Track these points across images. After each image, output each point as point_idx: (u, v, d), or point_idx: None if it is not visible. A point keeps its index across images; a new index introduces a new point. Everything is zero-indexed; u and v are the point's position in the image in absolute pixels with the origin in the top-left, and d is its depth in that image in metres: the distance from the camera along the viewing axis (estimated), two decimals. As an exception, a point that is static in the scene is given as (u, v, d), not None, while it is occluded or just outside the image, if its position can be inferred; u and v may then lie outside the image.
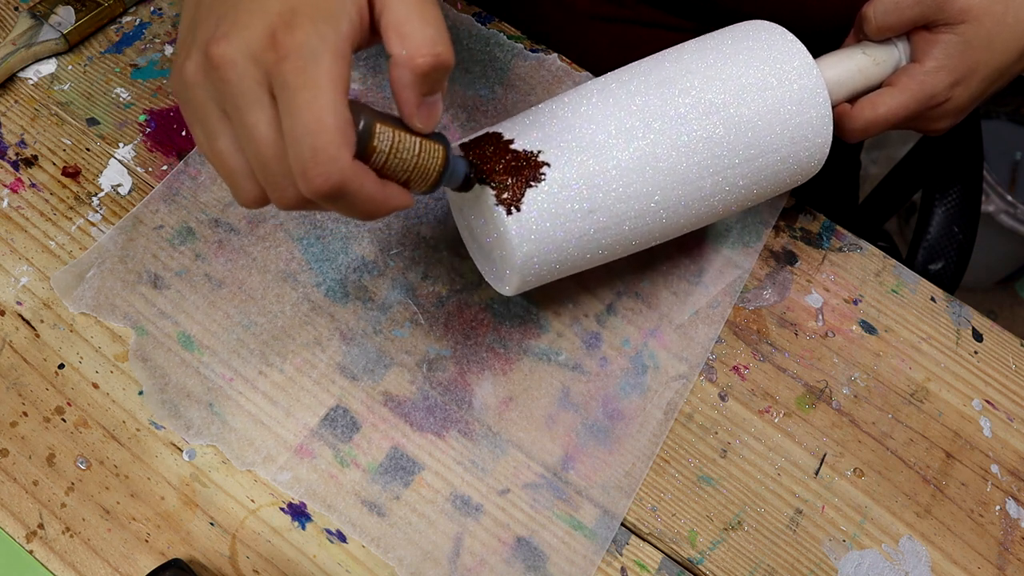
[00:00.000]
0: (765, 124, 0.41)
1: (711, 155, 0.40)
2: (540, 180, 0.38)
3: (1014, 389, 0.50)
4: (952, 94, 0.46)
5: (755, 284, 0.51)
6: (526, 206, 0.38)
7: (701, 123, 0.40)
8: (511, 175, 0.38)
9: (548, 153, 0.39)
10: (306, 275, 0.48)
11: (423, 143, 0.34)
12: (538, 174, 0.39)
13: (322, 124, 0.29)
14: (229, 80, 0.30)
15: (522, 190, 0.38)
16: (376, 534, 0.42)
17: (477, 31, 0.57)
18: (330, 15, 0.30)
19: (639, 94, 0.41)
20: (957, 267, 0.65)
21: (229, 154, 0.32)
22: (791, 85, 0.41)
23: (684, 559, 0.44)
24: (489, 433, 0.45)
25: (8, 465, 0.42)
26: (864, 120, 0.46)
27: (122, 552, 0.41)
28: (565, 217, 0.39)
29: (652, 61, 0.43)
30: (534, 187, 0.38)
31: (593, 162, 0.39)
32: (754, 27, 0.43)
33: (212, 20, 0.31)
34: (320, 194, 0.30)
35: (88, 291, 0.46)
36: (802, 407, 0.48)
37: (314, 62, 0.29)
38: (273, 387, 0.45)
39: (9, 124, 0.50)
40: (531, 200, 0.38)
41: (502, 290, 0.43)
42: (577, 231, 0.39)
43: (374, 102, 0.53)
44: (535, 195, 0.38)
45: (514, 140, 0.39)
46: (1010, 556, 0.46)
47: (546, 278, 0.42)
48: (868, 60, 0.46)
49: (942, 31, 0.45)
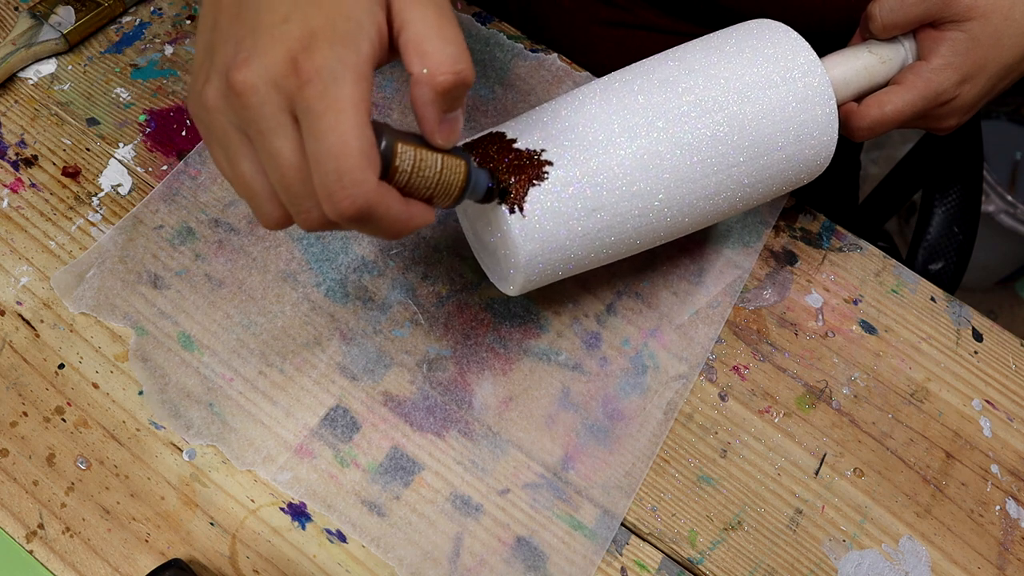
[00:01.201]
0: (770, 122, 0.41)
1: (715, 153, 0.40)
2: (543, 179, 0.38)
3: (1014, 389, 0.50)
4: (960, 92, 0.46)
5: (755, 284, 0.51)
6: (529, 205, 0.38)
7: (705, 121, 0.40)
8: (514, 174, 0.38)
9: (551, 152, 0.39)
10: (306, 275, 0.48)
11: (444, 159, 0.34)
12: (541, 173, 0.38)
13: (347, 147, 0.29)
14: (251, 106, 0.30)
15: (525, 189, 0.38)
16: (376, 534, 0.42)
17: (477, 31, 0.57)
18: (350, 37, 0.30)
19: (642, 92, 0.40)
20: (957, 267, 0.65)
21: (252, 177, 0.32)
22: (796, 83, 0.41)
23: (684, 559, 0.44)
24: (489, 433, 0.45)
25: (8, 465, 0.42)
26: (871, 119, 0.45)
27: (122, 552, 0.41)
28: (569, 216, 0.39)
29: (655, 60, 0.43)
30: (537, 186, 0.38)
31: (596, 161, 0.39)
32: (759, 26, 0.43)
33: (231, 45, 0.31)
34: (346, 217, 0.30)
35: (88, 291, 0.46)
36: (802, 407, 0.48)
37: (335, 85, 0.29)
38: (273, 387, 0.45)
39: (9, 124, 0.50)
40: (534, 199, 0.38)
41: (506, 290, 0.43)
42: (581, 230, 0.39)
43: (374, 102, 0.53)
44: (538, 194, 0.38)
45: (517, 139, 0.39)
46: (1010, 556, 0.46)
47: (550, 278, 0.42)
48: (874, 59, 0.46)
49: (948, 28, 0.45)
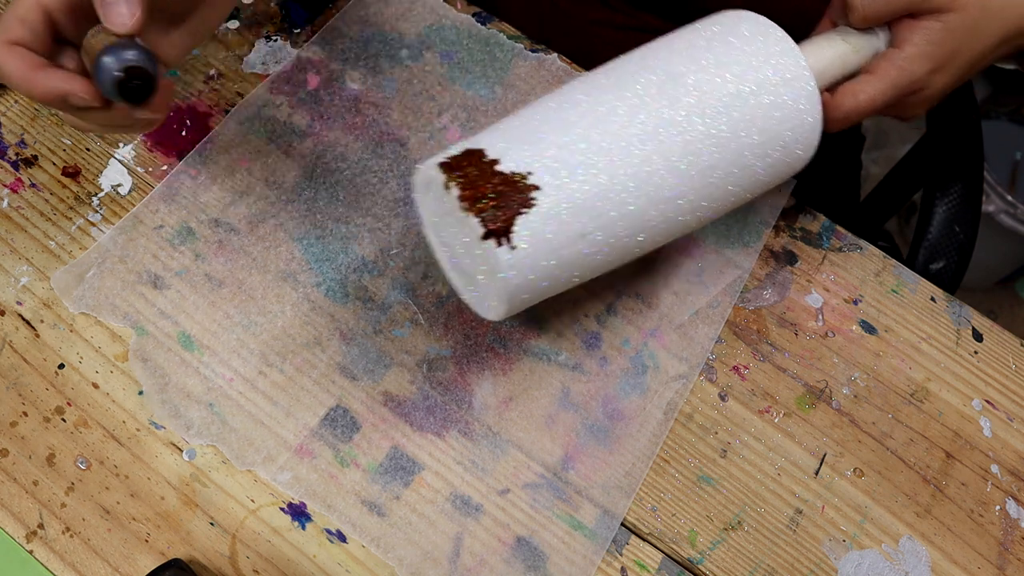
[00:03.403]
0: (757, 122, 0.40)
1: (707, 160, 0.39)
2: (531, 206, 0.36)
3: (1014, 389, 0.50)
4: (931, 81, 0.45)
5: (755, 284, 0.51)
6: (517, 235, 0.36)
7: (694, 126, 0.39)
8: (500, 201, 0.36)
9: (537, 174, 0.37)
10: (306, 275, 0.48)
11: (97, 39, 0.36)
12: (528, 199, 0.36)
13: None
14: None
15: (512, 218, 0.36)
16: (376, 534, 0.42)
17: (477, 31, 0.57)
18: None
19: (625, 103, 0.39)
20: (958, 267, 0.65)
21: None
22: (779, 80, 0.40)
23: (684, 559, 0.44)
24: (489, 433, 0.45)
25: (8, 465, 0.42)
26: (846, 110, 0.44)
27: (122, 552, 0.41)
28: (559, 244, 0.37)
29: (637, 63, 0.41)
30: (525, 214, 0.36)
31: (584, 180, 0.37)
32: (735, 19, 0.42)
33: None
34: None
35: (88, 291, 0.46)
36: (802, 407, 0.48)
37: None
38: (273, 387, 0.45)
39: (9, 124, 0.50)
40: (522, 228, 0.36)
41: (484, 314, 0.41)
42: (569, 256, 0.38)
43: (374, 102, 0.53)
44: (526, 222, 0.36)
45: (499, 160, 0.37)
46: (1010, 556, 0.46)
47: (534, 302, 0.40)
48: (848, 48, 0.45)
49: (925, 18, 0.44)
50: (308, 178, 0.51)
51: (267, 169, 0.51)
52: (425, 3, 0.57)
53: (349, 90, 0.54)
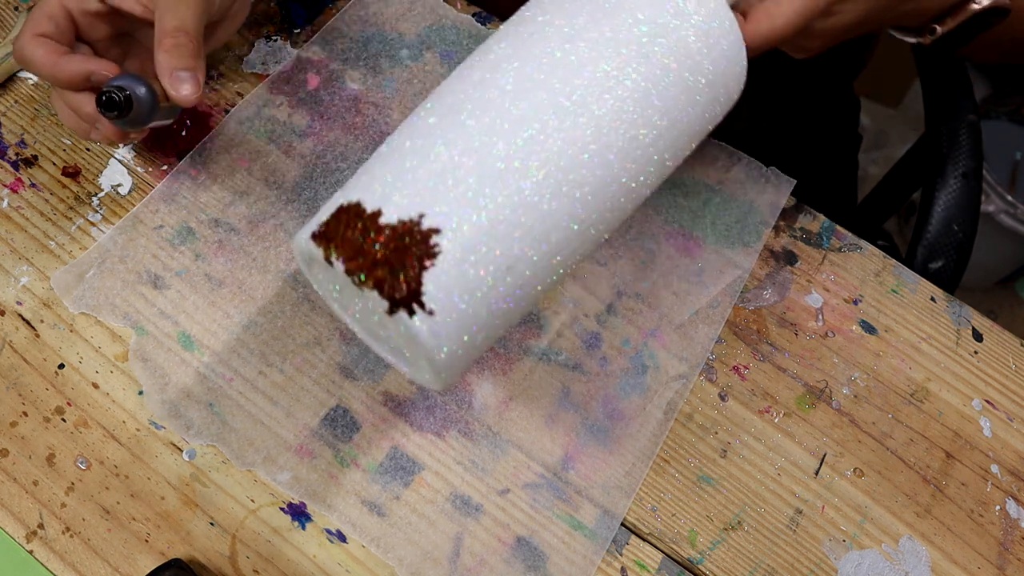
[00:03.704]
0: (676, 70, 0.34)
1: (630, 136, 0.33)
2: (435, 255, 0.30)
3: (1014, 389, 0.50)
4: (841, 9, 0.42)
5: (755, 284, 0.51)
6: (429, 295, 0.29)
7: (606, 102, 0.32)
8: (396, 262, 0.29)
9: (432, 214, 0.30)
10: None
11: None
12: (430, 248, 0.30)
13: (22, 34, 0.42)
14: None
15: (417, 277, 0.29)
16: (376, 534, 0.42)
17: (477, 31, 0.57)
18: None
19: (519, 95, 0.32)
20: (957, 266, 0.65)
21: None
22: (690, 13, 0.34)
23: (684, 559, 0.44)
24: (489, 433, 0.45)
25: (8, 465, 0.42)
26: (763, 35, 0.40)
27: (122, 552, 0.41)
28: (481, 288, 0.31)
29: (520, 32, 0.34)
30: (431, 268, 0.30)
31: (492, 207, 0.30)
32: None
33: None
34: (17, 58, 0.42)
35: (88, 291, 0.46)
36: (802, 407, 0.48)
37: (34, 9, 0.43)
38: (273, 387, 0.45)
39: (9, 124, 0.50)
40: (432, 284, 0.30)
41: (431, 386, 0.35)
42: (499, 296, 0.31)
43: (374, 102, 0.53)
44: (435, 276, 0.30)
45: (381, 211, 0.30)
46: (1010, 556, 0.46)
47: (478, 355, 0.34)
48: None
49: None
50: (308, 178, 0.51)
51: (267, 169, 0.51)
52: (425, 3, 0.57)
53: (349, 90, 0.54)
